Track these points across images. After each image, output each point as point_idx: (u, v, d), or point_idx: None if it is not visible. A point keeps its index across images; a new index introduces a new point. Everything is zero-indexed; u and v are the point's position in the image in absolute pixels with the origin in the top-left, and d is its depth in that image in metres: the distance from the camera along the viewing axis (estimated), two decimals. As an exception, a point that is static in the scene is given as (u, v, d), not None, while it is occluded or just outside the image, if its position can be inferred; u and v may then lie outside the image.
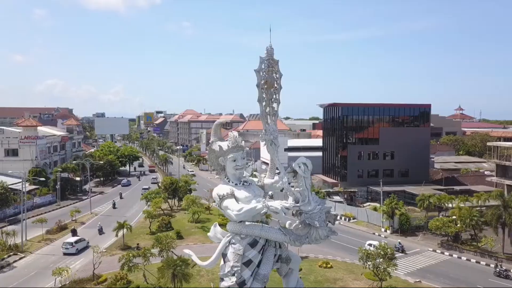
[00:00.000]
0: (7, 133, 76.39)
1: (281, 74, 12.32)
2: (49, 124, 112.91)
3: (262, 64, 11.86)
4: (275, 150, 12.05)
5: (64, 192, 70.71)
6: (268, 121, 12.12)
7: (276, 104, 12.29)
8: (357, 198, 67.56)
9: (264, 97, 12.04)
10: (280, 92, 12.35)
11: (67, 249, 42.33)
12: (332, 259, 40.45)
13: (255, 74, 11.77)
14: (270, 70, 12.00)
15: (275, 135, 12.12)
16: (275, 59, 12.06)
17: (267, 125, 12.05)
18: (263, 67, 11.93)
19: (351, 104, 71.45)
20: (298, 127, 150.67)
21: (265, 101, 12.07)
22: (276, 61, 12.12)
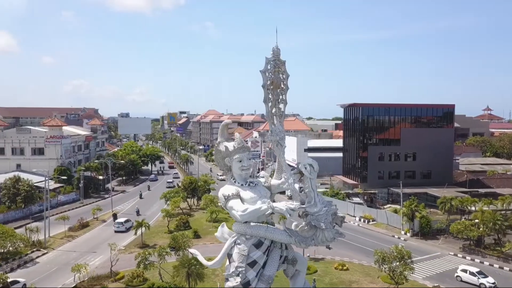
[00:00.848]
0: (34, 133, 78.97)
1: (288, 75, 12.30)
2: (75, 124, 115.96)
3: (268, 64, 11.88)
4: (281, 151, 12.06)
5: (87, 191, 72.42)
6: (274, 122, 12.14)
7: (283, 105, 12.29)
8: (378, 199, 66.52)
9: (270, 98, 12.07)
10: (287, 93, 12.33)
11: (118, 228, 50.90)
12: (349, 261, 39.94)
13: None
14: (276, 71, 12.00)
15: (282, 136, 12.12)
16: (282, 59, 12.05)
17: (273, 126, 12.08)
18: (269, 67, 11.95)
19: (371, 105, 70.40)
20: (320, 127, 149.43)
21: (271, 102, 12.11)
22: (282, 62, 12.11)
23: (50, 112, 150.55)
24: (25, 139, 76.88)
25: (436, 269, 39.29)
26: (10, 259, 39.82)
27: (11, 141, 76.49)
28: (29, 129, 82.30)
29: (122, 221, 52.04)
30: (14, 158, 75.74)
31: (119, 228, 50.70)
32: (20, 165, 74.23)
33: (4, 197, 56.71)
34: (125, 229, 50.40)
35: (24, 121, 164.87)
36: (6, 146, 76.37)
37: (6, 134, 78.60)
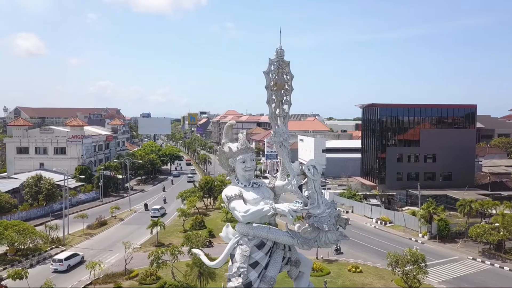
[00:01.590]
0: (57, 133, 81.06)
1: (293, 76, 12.24)
2: (98, 124, 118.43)
3: (271, 65, 11.85)
4: (285, 152, 12.00)
5: (107, 189, 73.84)
6: (278, 123, 12.11)
7: (287, 106, 12.24)
8: (396, 201, 65.48)
9: (274, 99, 12.03)
10: (291, 94, 12.26)
11: (155, 213, 57.86)
12: (363, 264, 39.43)
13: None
14: (280, 72, 11.96)
15: (285, 137, 12.07)
16: (286, 60, 12.01)
17: (276, 127, 12.04)
18: (272, 68, 11.92)
19: (390, 105, 69.36)
20: (340, 127, 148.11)
21: (274, 103, 12.05)
22: (287, 63, 12.06)
23: (74, 112, 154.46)
24: (48, 138, 78.99)
25: (454, 273, 38.35)
26: (30, 256, 40.99)
27: (35, 140, 78.72)
28: (52, 129, 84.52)
29: (158, 207, 59.87)
30: (37, 157, 77.92)
31: (155, 213, 57.86)
32: (43, 163, 76.34)
33: (27, 195, 58.38)
34: (160, 214, 57.59)
35: (50, 121, 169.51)
36: (30, 146, 78.64)
37: (30, 133, 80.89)
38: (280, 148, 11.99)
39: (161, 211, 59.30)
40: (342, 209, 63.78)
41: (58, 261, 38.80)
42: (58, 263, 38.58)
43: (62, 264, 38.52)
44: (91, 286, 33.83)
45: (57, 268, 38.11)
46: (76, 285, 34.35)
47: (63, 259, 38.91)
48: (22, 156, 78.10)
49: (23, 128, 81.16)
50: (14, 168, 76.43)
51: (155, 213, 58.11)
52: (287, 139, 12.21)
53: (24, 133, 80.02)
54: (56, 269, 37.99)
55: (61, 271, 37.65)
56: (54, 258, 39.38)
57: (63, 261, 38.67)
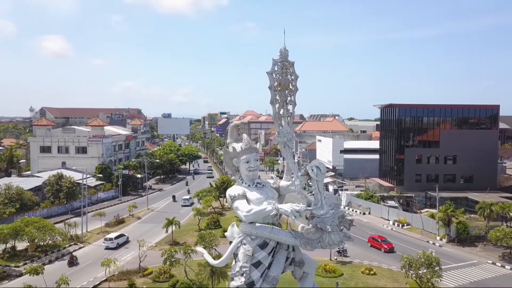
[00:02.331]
0: (78, 132, 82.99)
1: (297, 76, 12.23)
2: (119, 124, 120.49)
3: (275, 66, 11.88)
4: (289, 152, 11.97)
5: (126, 188, 75.14)
6: (282, 123, 12.11)
7: (292, 106, 12.22)
8: (415, 203, 64.33)
9: (278, 99, 12.04)
10: (296, 94, 12.23)
11: (185, 203, 64.91)
12: (377, 266, 38.92)
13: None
14: (284, 72, 11.98)
15: (289, 137, 12.04)
16: (290, 60, 12.01)
17: (280, 127, 12.04)
18: (276, 69, 11.94)
19: (408, 105, 68.17)
20: (361, 128, 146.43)
21: (278, 103, 12.07)
22: (291, 63, 12.07)
23: (97, 112, 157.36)
24: (69, 138, 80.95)
25: (471, 278, 37.41)
26: (49, 252, 42.12)
27: (57, 140, 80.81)
28: (74, 128, 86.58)
29: (187, 197, 66.63)
30: (59, 156, 79.94)
31: (185, 203, 64.79)
32: (65, 162, 78.28)
33: (48, 193, 59.97)
34: (190, 204, 64.08)
35: (74, 121, 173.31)
36: (52, 145, 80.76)
37: (53, 133, 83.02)
38: (284, 149, 11.96)
39: (190, 201, 65.66)
40: (359, 210, 63.19)
41: (109, 239, 44.30)
42: (109, 241, 44.10)
43: (112, 242, 44.13)
44: (106, 283, 34.45)
45: (109, 245, 43.84)
46: (92, 281, 35.08)
47: (113, 238, 44.62)
48: (45, 155, 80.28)
49: (46, 128, 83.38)
50: (37, 167, 78.60)
51: (185, 202, 64.72)
52: (291, 140, 12.16)
53: (47, 133, 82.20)
54: (108, 246, 43.76)
55: (112, 248, 43.58)
56: (106, 237, 45.34)
57: (113, 240, 44.30)
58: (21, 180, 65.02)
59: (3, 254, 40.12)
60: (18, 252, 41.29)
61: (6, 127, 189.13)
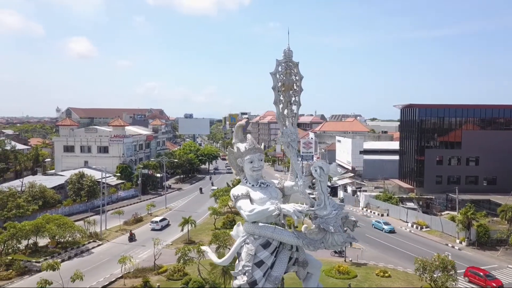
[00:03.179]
0: (100, 132, 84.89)
1: (302, 77, 12.27)
2: (141, 124, 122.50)
3: (278, 66, 11.97)
4: (293, 152, 12.01)
5: (146, 187, 76.38)
6: (286, 124, 12.17)
7: (296, 106, 12.27)
8: (435, 205, 63.04)
9: (282, 100, 12.12)
10: (300, 95, 12.28)
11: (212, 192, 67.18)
12: (392, 268, 38.36)
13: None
14: (288, 73, 12.05)
15: (293, 137, 12.09)
16: (295, 61, 12.07)
17: (284, 128, 12.11)
18: (280, 69, 12.03)
19: (429, 105, 66.89)
20: (383, 128, 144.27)
21: (282, 104, 12.15)
22: (295, 64, 12.13)
23: (120, 112, 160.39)
24: (92, 138, 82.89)
25: (490, 282, 36.43)
26: (69, 248, 43.27)
27: (80, 139, 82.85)
28: (96, 128, 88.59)
29: (215, 188, 69.76)
30: (82, 155, 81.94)
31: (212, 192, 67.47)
32: (88, 161, 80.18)
33: (70, 191, 61.57)
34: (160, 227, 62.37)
35: (98, 121, 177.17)
36: (75, 144, 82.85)
37: (76, 133, 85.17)
38: (288, 149, 12.01)
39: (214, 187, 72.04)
40: (377, 212, 62.35)
41: (155, 222, 51.58)
42: (155, 224, 51.29)
43: (158, 224, 51.20)
44: (122, 280, 35.15)
45: (155, 227, 50.94)
46: (108, 278, 35.86)
47: (158, 221, 51.89)
48: (69, 154, 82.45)
49: (70, 128, 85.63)
50: (61, 166, 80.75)
51: (212, 191, 67.32)
52: (294, 140, 12.20)
53: (71, 133, 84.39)
54: (154, 228, 50.85)
55: (157, 229, 50.63)
56: (152, 220, 52.47)
57: (158, 222, 51.48)
58: (45, 179, 66.97)
59: (25, 249, 41.43)
60: (40, 248, 42.56)
61: (34, 127, 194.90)
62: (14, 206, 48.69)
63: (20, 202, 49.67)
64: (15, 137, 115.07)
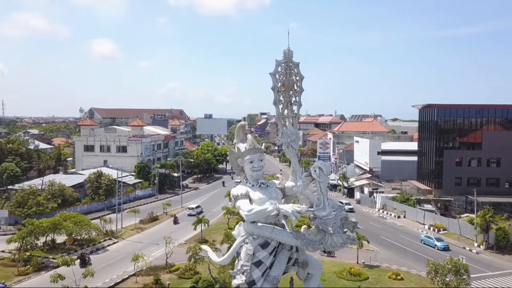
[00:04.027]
0: (119, 132, 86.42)
1: (303, 77, 12.32)
2: (161, 124, 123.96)
3: (278, 67, 12.06)
4: (293, 153, 12.06)
5: (163, 187, 77.34)
6: (286, 124, 12.23)
7: (297, 106, 12.32)
8: (454, 208, 61.67)
9: (282, 100, 12.20)
10: (301, 95, 12.33)
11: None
12: (406, 271, 37.75)
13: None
14: (288, 73, 12.11)
15: (293, 138, 12.15)
16: (295, 61, 12.13)
17: (284, 128, 12.17)
18: (279, 70, 12.11)
19: (448, 105, 65.45)
20: (403, 129, 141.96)
21: (282, 104, 12.22)
22: (296, 64, 12.19)
23: (141, 113, 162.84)
24: (111, 137, 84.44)
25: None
26: (85, 246, 44.25)
27: (100, 139, 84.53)
28: (115, 128, 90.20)
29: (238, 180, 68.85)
30: (101, 155, 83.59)
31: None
32: (107, 161, 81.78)
33: (89, 190, 62.93)
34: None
35: (120, 121, 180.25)
36: (95, 144, 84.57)
37: (96, 133, 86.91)
38: (288, 149, 12.05)
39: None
40: (394, 213, 61.46)
41: (191, 208, 59.75)
42: (191, 210, 59.13)
43: (194, 210, 58.67)
44: (134, 277, 35.72)
45: (191, 213, 57.95)
46: (122, 275, 36.50)
47: (194, 207, 60.13)
48: (89, 153, 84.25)
49: (90, 128, 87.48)
50: (81, 165, 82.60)
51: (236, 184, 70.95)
52: (295, 140, 12.24)
53: (91, 132, 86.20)
54: (190, 214, 57.71)
55: (193, 215, 56.28)
56: (189, 207, 61.04)
57: (194, 209, 59.41)
58: (65, 177, 68.67)
59: (43, 246, 42.55)
60: (57, 245, 43.63)
61: (58, 127, 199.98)
62: (34, 204, 50.15)
63: (40, 200, 51.10)
64: (39, 137, 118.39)
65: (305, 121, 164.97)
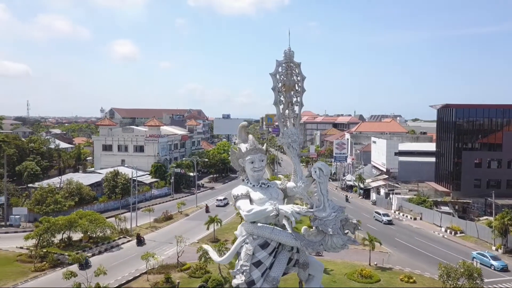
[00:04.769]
0: (136, 132, 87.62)
1: (304, 77, 12.30)
2: (179, 124, 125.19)
3: (279, 67, 12.05)
4: (293, 153, 12.01)
5: (179, 186, 78.05)
6: (287, 124, 12.23)
7: (298, 107, 12.31)
8: (473, 210, 60.27)
9: (282, 100, 12.19)
10: (302, 95, 12.31)
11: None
12: (419, 274, 37.12)
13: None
14: (288, 73, 12.11)
15: (294, 138, 12.07)
16: (296, 62, 12.13)
17: (285, 128, 12.17)
18: (280, 70, 12.11)
19: (466, 105, 64.05)
20: (424, 129, 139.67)
21: (283, 104, 12.22)
22: (297, 64, 12.18)
23: (161, 113, 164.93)
24: (128, 137, 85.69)
25: (525, 293, 34.51)
26: (100, 243, 45.09)
27: (118, 139, 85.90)
28: (132, 128, 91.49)
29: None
30: (119, 154, 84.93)
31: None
32: (124, 160, 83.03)
33: (106, 189, 64.09)
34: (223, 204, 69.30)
35: (139, 121, 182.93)
36: (113, 144, 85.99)
37: (114, 132, 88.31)
38: (288, 150, 11.97)
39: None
40: (410, 215, 60.50)
41: (219, 200, 66.77)
42: (219, 201, 66.33)
43: (221, 201, 65.92)
44: (146, 275, 36.20)
45: (219, 204, 65.76)
46: (134, 273, 37.06)
47: (222, 199, 66.85)
48: (107, 153, 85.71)
49: (108, 128, 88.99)
50: (100, 164, 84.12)
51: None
52: (295, 141, 12.12)
53: (109, 132, 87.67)
54: (219, 205, 65.44)
55: (221, 206, 64.90)
56: (217, 198, 68.31)
57: (222, 200, 66.28)
58: (84, 176, 70.11)
59: (59, 243, 43.54)
60: (73, 242, 44.56)
61: (80, 127, 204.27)
62: (52, 202, 51.41)
63: (58, 198, 52.35)
64: (60, 136, 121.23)
65: (323, 121, 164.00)
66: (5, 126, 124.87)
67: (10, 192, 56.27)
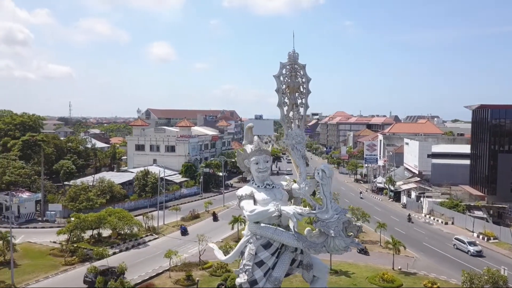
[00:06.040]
0: (168, 132, 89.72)
1: (309, 79, 12.44)
2: (211, 125, 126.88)
3: (283, 69, 12.28)
4: (298, 155, 12.16)
5: (208, 186, 79.23)
6: (292, 126, 12.41)
7: (303, 108, 12.47)
8: (509, 215, 57.58)
9: (287, 102, 12.38)
10: (308, 97, 12.45)
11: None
12: (444, 280, 35.97)
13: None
14: (293, 75, 12.30)
15: (298, 140, 12.24)
16: (301, 63, 12.31)
17: (289, 130, 12.35)
18: (284, 72, 12.33)
19: (503, 106, 61.27)
20: (462, 130, 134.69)
21: (287, 106, 12.40)
22: (301, 66, 12.35)
23: (195, 114, 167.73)
24: (160, 137, 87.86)
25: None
26: (127, 240, 46.57)
27: (150, 139, 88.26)
28: (164, 129, 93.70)
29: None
30: (151, 154, 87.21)
31: None
32: (156, 160, 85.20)
33: (136, 187, 66.06)
34: None
35: (174, 122, 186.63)
36: (146, 143, 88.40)
37: (147, 133, 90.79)
38: (293, 151, 12.10)
39: None
40: (441, 219, 58.65)
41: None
42: None
43: None
44: (168, 272, 37.09)
45: None
46: (157, 269, 38.08)
47: None
48: (140, 152, 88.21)
49: (141, 128, 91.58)
50: (133, 163, 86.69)
51: None
52: (300, 142, 12.24)
53: (142, 132, 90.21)
54: None
55: None
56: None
57: None
58: (117, 175, 72.55)
59: (89, 239, 45.37)
60: (103, 238, 46.31)
61: (118, 127, 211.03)
62: (85, 199, 53.62)
63: (90, 195, 54.52)
64: (98, 136, 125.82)
65: (357, 122, 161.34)
66: (48, 126, 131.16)
67: (47, 189, 59.16)
